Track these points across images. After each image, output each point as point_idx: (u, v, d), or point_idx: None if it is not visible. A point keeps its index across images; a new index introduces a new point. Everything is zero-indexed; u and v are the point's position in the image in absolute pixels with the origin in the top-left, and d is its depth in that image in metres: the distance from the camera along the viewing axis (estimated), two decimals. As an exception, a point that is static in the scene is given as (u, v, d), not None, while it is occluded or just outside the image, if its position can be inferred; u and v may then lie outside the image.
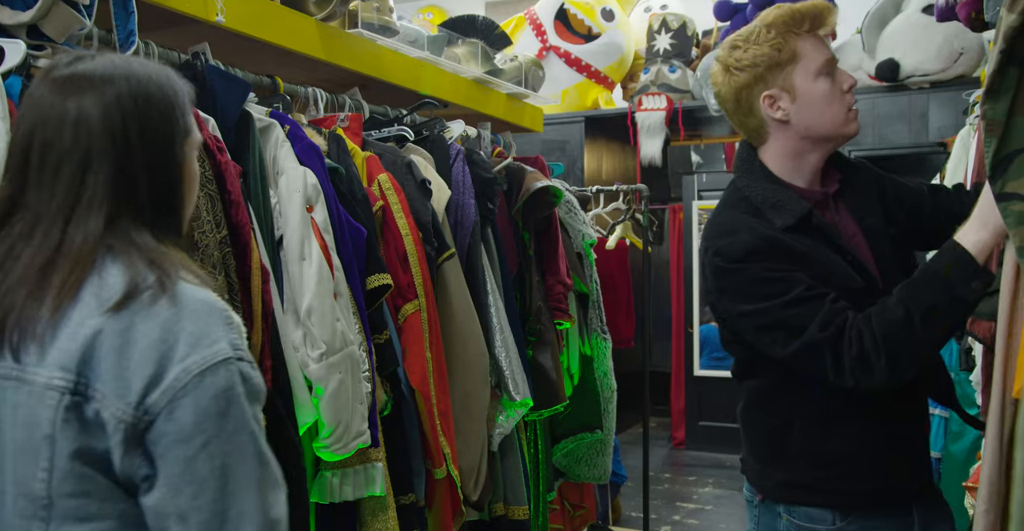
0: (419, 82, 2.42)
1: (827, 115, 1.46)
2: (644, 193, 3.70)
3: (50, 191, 0.93)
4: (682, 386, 5.45)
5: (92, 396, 0.87)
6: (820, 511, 1.46)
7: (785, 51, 1.44)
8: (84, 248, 0.92)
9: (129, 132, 0.94)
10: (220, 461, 0.88)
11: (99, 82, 0.95)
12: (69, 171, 0.93)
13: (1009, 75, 1.11)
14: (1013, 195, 1.12)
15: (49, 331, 0.89)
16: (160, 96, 0.98)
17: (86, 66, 0.96)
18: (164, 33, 1.73)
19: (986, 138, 1.13)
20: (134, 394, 0.87)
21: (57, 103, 0.94)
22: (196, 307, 0.91)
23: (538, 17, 4.92)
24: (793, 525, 1.48)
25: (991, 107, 1.12)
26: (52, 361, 0.88)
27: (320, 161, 1.78)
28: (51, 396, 0.87)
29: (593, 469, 2.77)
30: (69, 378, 0.88)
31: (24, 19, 1.34)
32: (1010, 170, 1.12)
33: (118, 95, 0.94)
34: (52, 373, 0.88)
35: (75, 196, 0.93)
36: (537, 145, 4.59)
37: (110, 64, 0.97)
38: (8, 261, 0.93)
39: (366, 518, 1.79)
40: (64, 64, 0.97)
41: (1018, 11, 1.06)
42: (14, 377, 0.90)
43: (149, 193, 0.96)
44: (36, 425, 0.88)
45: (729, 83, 1.49)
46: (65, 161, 0.93)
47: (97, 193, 0.93)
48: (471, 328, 2.13)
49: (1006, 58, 1.10)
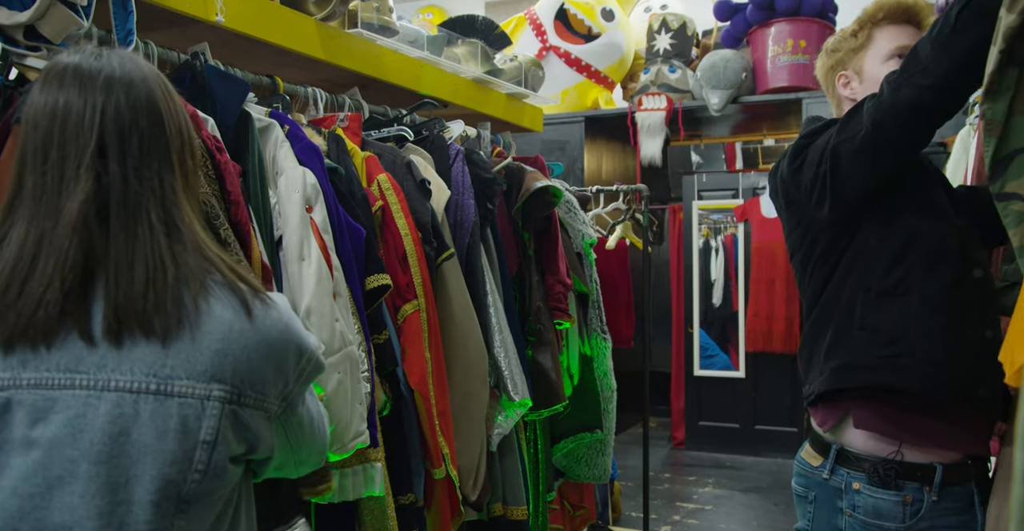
0: (419, 82, 2.42)
1: None
2: (644, 193, 3.70)
3: (140, 188, 0.96)
4: (682, 386, 5.45)
5: (246, 402, 0.98)
6: (889, 500, 1.41)
7: (860, 37, 1.62)
8: (188, 249, 0.98)
9: (181, 123, 1.02)
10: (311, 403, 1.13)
11: (136, 76, 0.99)
12: (153, 166, 0.97)
13: (1008, 75, 1.11)
14: (1013, 195, 1.12)
15: (190, 342, 0.95)
16: (170, 87, 1.06)
17: (111, 61, 0.99)
18: (164, 33, 1.73)
19: (985, 138, 1.13)
20: (282, 389, 1.02)
21: (113, 98, 0.96)
22: (285, 306, 1.05)
23: (538, 17, 4.92)
24: (857, 521, 1.44)
25: (990, 107, 1.12)
26: (204, 374, 0.95)
27: (319, 161, 1.78)
28: (213, 406, 0.95)
29: (593, 469, 2.77)
30: (226, 389, 0.96)
31: (21, 19, 1.34)
32: (1010, 170, 1.12)
33: (155, 86, 1.01)
34: (210, 386, 0.95)
35: (161, 191, 0.98)
36: (537, 145, 4.59)
37: (121, 57, 1.00)
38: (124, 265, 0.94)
39: (365, 518, 1.78)
40: (83, 59, 0.98)
41: (1017, 11, 1.06)
42: (153, 391, 0.93)
43: (193, 184, 1.04)
44: (192, 433, 0.94)
45: (821, 65, 1.70)
46: (146, 157, 0.97)
47: (176, 187, 0.99)
48: (470, 328, 2.13)
49: (1006, 58, 1.10)
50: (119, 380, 0.92)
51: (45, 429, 0.91)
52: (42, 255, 0.92)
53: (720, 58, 4.47)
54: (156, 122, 0.98)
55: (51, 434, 0.91)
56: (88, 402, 0.92)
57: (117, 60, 0.99)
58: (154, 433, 0.93)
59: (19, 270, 0.92)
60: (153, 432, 0.93)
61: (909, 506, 1.42)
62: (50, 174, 0.94)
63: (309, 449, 1.13)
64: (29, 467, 0.90)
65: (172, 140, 1.00)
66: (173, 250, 0.96)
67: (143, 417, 0.93)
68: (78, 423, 0.91)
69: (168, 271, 0.95)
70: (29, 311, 0.91)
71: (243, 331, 0.97)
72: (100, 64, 0.98)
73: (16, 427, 0.91)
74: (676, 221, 5.60)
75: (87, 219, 0.93)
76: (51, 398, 0.91)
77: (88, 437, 0.91)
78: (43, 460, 0.90)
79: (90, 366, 0.92)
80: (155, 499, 0.92)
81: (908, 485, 1.43)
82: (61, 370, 0.92)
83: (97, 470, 0.91)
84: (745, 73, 4.45)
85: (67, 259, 0.92)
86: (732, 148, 5.96)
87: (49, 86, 0.97)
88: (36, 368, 0.92)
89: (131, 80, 0.98)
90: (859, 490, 1.45)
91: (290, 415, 1.06)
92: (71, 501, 0.90)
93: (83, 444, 0.91)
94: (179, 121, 1.02)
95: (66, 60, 0.98)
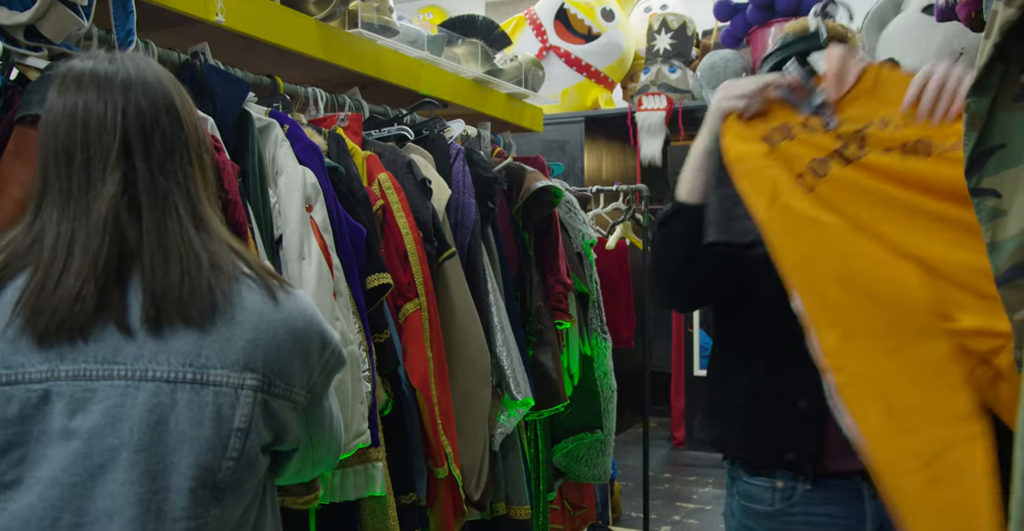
0: (419, 82, 2.42)
1: None
2: (644, 193, 3.70)
3: (166, 183, 0.99)
4: (682, 386, 5.45)
5: (275, 392, 1.01)
6: (759, 486, 1.52)
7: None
8: (217, 241, 1.01)
9: (195, 121, 1.05)
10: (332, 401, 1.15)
11: (151, 76, 1.02)
12: (176, 163, 1.00)
13: (996, 70, 1.10)
14: (988, 191, 1.12)
15: (225, 332, 0.97)
16: (185, 96, 1.09)
17: (128, 63, 1.02)
18: (164, 33, 1.73)
19: (966, 132, 1.13)
20: (308, 380, 1.05)
21: (133, 98, 0.99)
22: (307, 298, 1.08)
23: (538, 17, 4.92)
24: (737, 504, 1.56)
25: (975, 100, 1.12)
26: (237, 363, 0.98)
27: (320, 160, 1.78)
28: (247, 394, 0.98)
29: (593, 469, 2.77)
30: (258, 378, 0.99)
31: (22, 20, 1.34)
32: (987, 165, 1.12)
33: (170, 86, 1.04)
34: (243, 375, 0.98)
35: (186, 186, 1.01)
36: (537, 145, 4.59)
37: (135, 59, 1.04)
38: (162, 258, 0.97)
39: (366, 518, 1.79)
40: (100, 63, 1.01)
41: (1017, 5, 1.06)
42: (189, 380, 0.96)
43: (211, 180, 1.07)
44: (226, 420, 0.97)
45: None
46: (169, 154, 1.00)
47: (198, 182, 1.03)
48: (472, 327, 2.13)
49: (999, 52, 1.10)
50: (156, 370, 0.95)
51: (84, 419, 0.93)
52: (76, 252, 0.95)
53: (720, 58, 4.47)
54: (175, 120, 1.01)
55: (91, 424, 0.93)
56: (127, 392, 0.94)
57: (131, 62, 1.02)
58: (190, 421, 0.95)
59: (54, 268, 0.95)
60: (190, 420, 0.95)
61: (780, 492, 1.50)
62: (76, 177, 0.98)
63: (327, 448, 1.15)
64: (69, 457, 0.93)
65: (190, 137, 1.03)
66: (203, 241, 0.99)
67: (180, 406, 0.95)
68: (117, 412, 0.94)
69: (202, 260, 0.98)
70: (66, 306, 0.94)
71: (272, 321, 1.00)
72: (115, 67, 1.01)
73: (55, 418, 0.93)
74: (676, 221, 5.59)
75: (118, 215, 0.97)
76: (90, 389, 0.94)
77: (128, 426, 0.94)
78: (83, 449, 0.93)
79: (127, 357, 0.95)
80: (192, 486, 0.95)
81: (781, 473, 1.50)
82: (99, 361, 0.95)
83: (136, 458, 0.93)
84: (745, 73, 4.45)
85: (101, 255, 0.95)
86: (732, 148, 5.95)
87: (67, 90, 0.99)
88: (74, 360, 0.94)
89: (147, 81, 1.01)
90: (739, 477, 1.55)
91: (314, 408, 1.08)
92: (112, 488, 0.93)
93: (123, 433, 0.94)
94: (194, 119, 1.05)
95: (81, 65, 1.01)
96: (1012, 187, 1.10)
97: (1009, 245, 1.09)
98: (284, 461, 1.10)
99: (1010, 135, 1.11)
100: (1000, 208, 1.11)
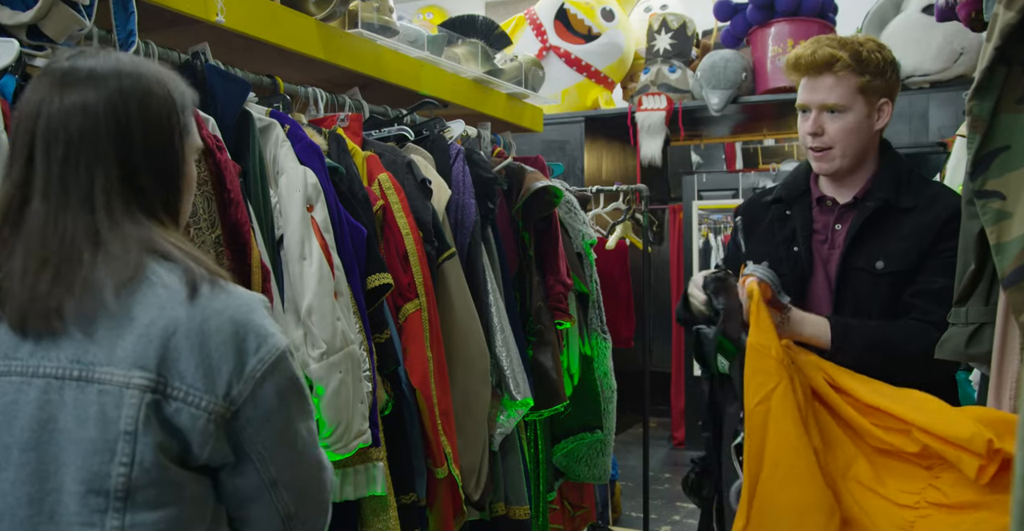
0: (419, 82, 2.42)
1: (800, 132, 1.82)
2: (644, 193, 3.70)
3: (63, 183, 0.95)
4: (682, 386, 5.44)
5: (172, 394, 0.92)
6: None
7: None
8: (121, 241, 0.94)
9: (132, 126, 0.97)
10: (296, 427, 1.00)
11: (102, 77, 0.96)
12: (81, 163, 0.95)
13: (998, 73, 1.10)
14: (993, 193, 1.12)
15: (114, 329, 0.92)
16: (161, 93, 1.00)
17: (88, 62, 0.98)
18: (164, 33, 1.73)
19: (970, 134, 1.13)
20: (221, 387, 0.94)
21: (61, 97, 0.95)
22: (248, 299, 0.99)
23: (538, 17, 4.92)
24: None
25: (977, 103, 1.12)
26: (125, 360, 0.92)
27: (320, 160, 1.78)
28: (132, 394, 0.91)
29: (593, 469, 2.77)
30: (149, 377, 0.92)
31: (24, 19, 1.34)
32: (991, 168, 1.12)
33: (121, 89, 0.96)
34: (130, 373, 0.91)
35: (89, 188, 0.95)
36: (537, 145, 4.59)
37: (114, 60, 0.99)
38: (35, 254, 0.94)
39: (367, 517, 1.79)
40: (65, 59, 0.98)
41: (1016, 9, 1.06)
42: (75, 377, 0.92)
43: (154, 188, 0.99)
44: (112, 422, 0.91)
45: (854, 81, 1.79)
46: (74, 153, 0.95)
47: (111, 185, 0.96)
48: (472, 327, 2.13)
49: (1000, 55, 1.10)
50: (47, 366, 0.93)
51: None
52: None
53: (720, 58, 4.47)
54: (93, 120, 0.95)
55: None
56: (20, 388, 0.92)
57: (94, 62, 0.98)
58: (76, 420, 0.91)
59: None
60: (75, 419, 0.91)
61: None
62: (4, 168, 0.98)
63: (302, 497, 1.02)
64: None
65: (112, 139, 0.96)
66: (99, 239, 0.94)
67: (68, 404, 0.92)
68: (11, 410, 0.92)
69: (88, 258, 0.93)
70: None
71: (175, 318, 0.93)
72: (70, 65, 0.98)
73: None
74: (676, 221, 5.59)
75: (10, 211, 0.95)
76: None
77: (19, 424, 0.92)
78: None
79: (24, 352, 0.93)
80: (82, 490, 0.91)
81: None
82: (1, 358, 0.93)
83: (27, 457, 0.91)
84: (745, 73, 4.45)
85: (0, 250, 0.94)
86: (732, 148, 5.95)
87: (33, 83, 0.99)
88: None
89: (96, 79, 0.96)
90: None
91: (253, 427, 0.96)
92: (3, 487, 0.91)
93: (15, 431, 0.92)
94: (131, 121, 0.97)
95: (54, 60, 1.00)
96: (1017, 189, 1.10)
97: (1014, 246, 1.09)
98: (237, 495, 0.99)
99: (1014, 137, 1.11)
100: (1005, 210, 1.11)
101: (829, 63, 1.71)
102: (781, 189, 1.90)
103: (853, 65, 1.70)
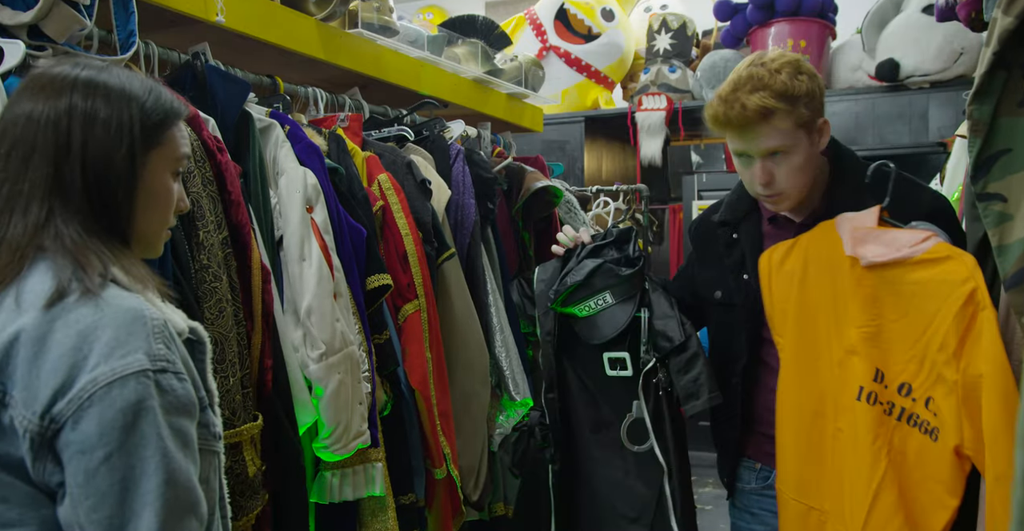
0: (419, 82, 2.42)
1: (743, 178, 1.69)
2: (644, 193, 3.70)
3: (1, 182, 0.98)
4: (682, 386, 5.44)
5: (8, 403, 0.87)
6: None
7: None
8: (17, 242, 0.95)
9: (72, 135, 0.97)
10: (120, 475, 0.86)
11: (60, 86, 0.99)
12: (15, 164, 0.97)
13: (997, 77, 1.11)
14: (995, 195, 1.13)
15: None
16: (111, 110, 0.99)
17: (57, 70, 1.00)
18: (164, 33, 1.73)
19: (971, 138, 1.14)
20: (40, 403, 0.86)
21: (19, 101, 0.99)
22: (119, 314, 0.90)
23: (538, 17, 4.91)
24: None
25: (977, 108, 1.13)
26: None
27: (320, 161, 1.78)
28: None
29: (593, 469, 2.77)
30: None
31: (25, 19, 1.34)
32: (992, 170, 1.13)
33: (71, 99, 0.98)
34: None
35: (18, 188, 0.97)
36: (537, 145, 4.59)
37: (80, 69, 1.00)
38: None
39: (366, 518, 1.79)
40: (48, 66, 1.02)
41: (1014, 14, 1.07)
42: None
43: (87, 196, 0.97)
44: None
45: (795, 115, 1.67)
46: (14, 154, 0.97)
47: (36, 187, 0.96)
48: (471, 328, 2.13)
49: (998, 60, 1.10)
50: None
51: None
52: None
53: (720, 58, 4.47)
54: (31, 131, 0.97)
55: None
56: None
57: (60, 71, 1.00)
58: None
59: None
60: None
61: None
62: None
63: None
64: None
65: (51, 147, 0.97)
66: (9, 222, 0.96)
67: None
68: None
69: None
70: None
71: (23, 324, 0.89)
72: (40, 72, 1.01)
73: None
74: (676, 221, 5.60)
75: None
76: None
77: None
78: None
79: None
80: None
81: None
82: None
83: None
84: (745, 73, 4.45)
85: None
86: (732, 148, 5.95)
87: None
88: None
89: (45, 89, 0.99)
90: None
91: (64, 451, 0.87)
92: None
93: None
94: (72, 134, 0.97)
95: (39, 66, 1.05)
96: (1018, 191, 1.11)
97: (1016, 248, 1.10)
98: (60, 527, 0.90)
99: (1015, 139, 1.12)
100: (1007, 212, 1.12)
101: (763, 115, 1.55)
102: (726, 211, 1.79)
103: (787, 107, 1.54)
